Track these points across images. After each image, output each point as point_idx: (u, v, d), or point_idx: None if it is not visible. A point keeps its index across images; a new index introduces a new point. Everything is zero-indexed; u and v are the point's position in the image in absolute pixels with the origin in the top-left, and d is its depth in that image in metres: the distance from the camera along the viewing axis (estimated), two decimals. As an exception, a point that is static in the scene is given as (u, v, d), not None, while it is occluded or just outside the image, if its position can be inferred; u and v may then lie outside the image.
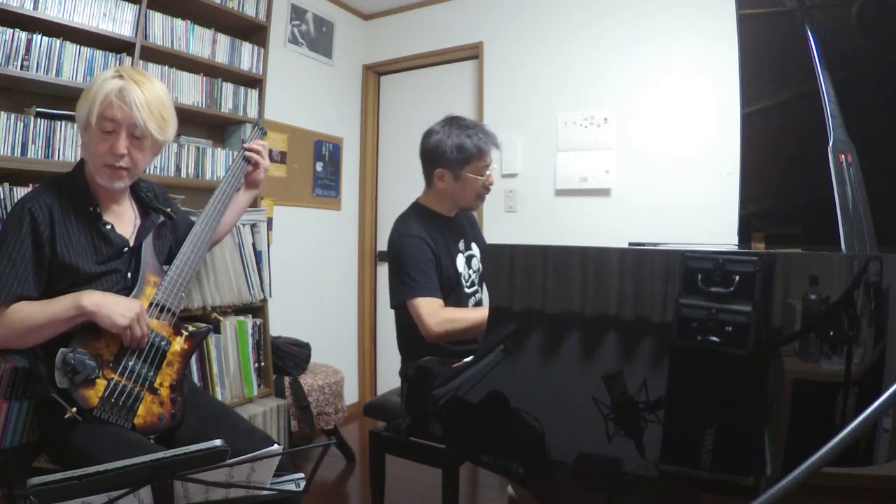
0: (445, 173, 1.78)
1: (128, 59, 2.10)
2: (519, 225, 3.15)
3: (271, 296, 2.46)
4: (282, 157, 3.13)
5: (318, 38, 3.38)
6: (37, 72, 1.86)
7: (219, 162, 2.47)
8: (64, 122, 1.90)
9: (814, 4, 1.40)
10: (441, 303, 1.69)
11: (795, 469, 0.46)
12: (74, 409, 1.20)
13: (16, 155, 1.79)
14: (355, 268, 3.70)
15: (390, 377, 3.55)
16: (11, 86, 1.90)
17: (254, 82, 2.65)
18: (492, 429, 1.20)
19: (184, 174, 2.34)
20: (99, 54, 2.02)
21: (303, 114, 3.26)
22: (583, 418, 1.09)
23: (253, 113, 2.63)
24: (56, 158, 1.89)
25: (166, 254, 1.55)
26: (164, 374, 1.37)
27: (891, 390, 0.47)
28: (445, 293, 1.75)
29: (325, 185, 3.45)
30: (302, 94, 3.27)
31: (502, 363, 1.17)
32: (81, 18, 1.96)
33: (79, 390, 1.22)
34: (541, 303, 1.15)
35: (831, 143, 1.21)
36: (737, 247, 1.73)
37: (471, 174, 1.77)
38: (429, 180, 1.85)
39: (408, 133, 3.65)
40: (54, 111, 1.89)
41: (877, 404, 0.47)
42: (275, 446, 1.04)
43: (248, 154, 1.71)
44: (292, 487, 1.11)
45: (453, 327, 1.62)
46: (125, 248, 1.40)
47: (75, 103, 1.34)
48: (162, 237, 1.53)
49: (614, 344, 1.08)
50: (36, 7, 1.84)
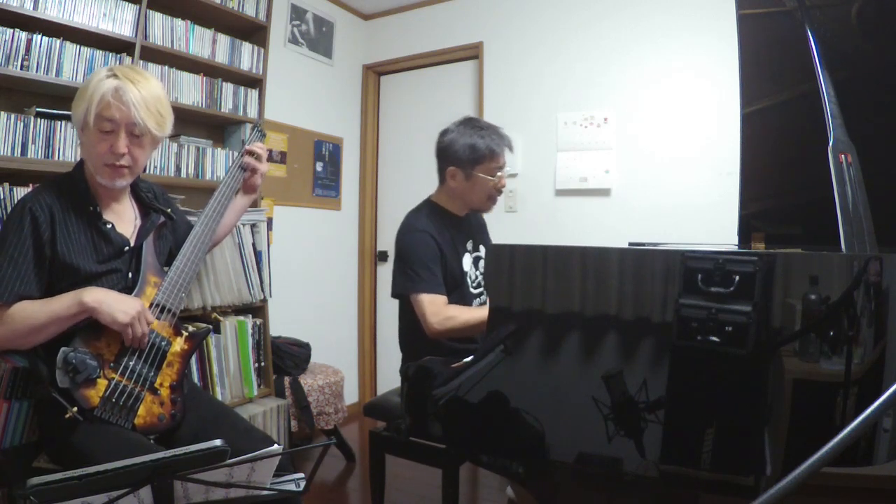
0: (457, 172, 1.80)
1: (128, 59, 2.09)
2: (519, 225, 3.15)
3: (271, 296, 2.46)
4: (282, 157, 3.13)
5: (318, 38, 3.38)
6: (37, 72, 1.86)
7: (219, 162, 2.47)
8: (64, 122, 1.90)
9: (814, 4, 1.40)
10: (444, 300, 1.70)
11: (795, 469, 0.46)
12: (75, 408, 1.20)
13: (16, 155, 1.79)
14: (355, 268, 3.70)
15: (390, 377, 3.55)
16: (11, 86, 1.90)
17: (254, 82, 2.65)
18: (492, 429, 1.20)
19: (184, 174, 2.34)
20: (99, 54, 2.02)
21: (303, 114, 3.26)
22: (583, 418, 1.09)
23: (253, 113, 2.63)
24: (56, 158, 1.89)
25: (166, 254, 1.55)
26: (164, 375, 1.37)
27: (891, 390, 0.47)
28: (448, 290, 1.76)
29: (325, 185, 3.45)
30: (302, 94, 3.27)
31: (502, 363, 1.17)
32: (81, 18, 1.96)
33: (80, 390, 1.22)
34: (541, 303, 1.15)
35: (831, 143, 1.21)
36: (737, 247, 1.73)
37: (482, 175, 1.78)
38: (442, 178, 1.87)
39: (408, 133, 3.66)
40: (54, 111, 1.89)
41: (877, 404, 0.47)
42: (275, 446, 1.04)
43: (246, 161, 1.69)
44: (292, 487, 1.11)
45: (454, 325, 1.64)
46: (126, 248, 1.39)
47: (75, 103, 1.34)
48: (162, 237, 1.53)
49: (614, 344, 1.08)
50: (36, 7, 1.84)
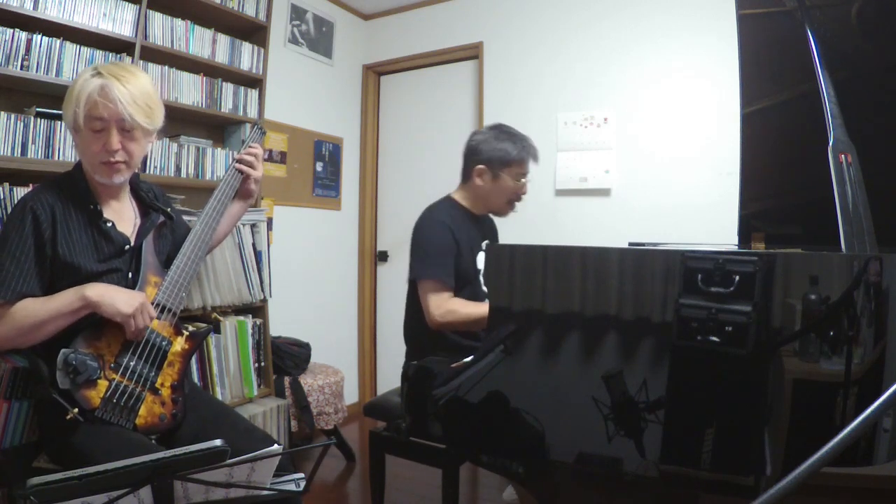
0: (485, 171, 1.84)
1: (128, 59, 2.09)
2: (519, 225, 3.14)
3: (271, 296, 2.46)
4: (282, 157, 3.13)
5: (318, 38, 3.38)
6: (37, 72, 1.86)
7: (219, 162, 2.47)
8: (64, 122, 1.90)
9: (814, 4, 1.40)
10: (450, 293, 1.73)
11: (795, 469, 0.46)
12: (76, 409, 1.20)
13: (16, 155, 1.80)
14: (355, 268, 3.70)
15: (390, 377, 3.55)
16: (11, 86, 1.91)
17: (254, 82, 2.65)
18: (492, 429, 1.20)
19: (184, 174, 2.34)
20: (99, 54, 2.02)
21: (303, 114, 3.26)
22: (583, 418, 1.09)
23: (253, 113, 2.63)
24: (56, 158, 1.89)
25: (166, 254, 1.55)
26: (164, 375, 1.37)
27: (891, 390, 0.47)
28: (461, 285, 1.79)
29: (325, 185, 3.45)
30: (302, 94, 3.27)
31: (502, 363, 1.17)
32: (81, 18, 1.96)
33: (80, 391, 1.22)
34: (541, 303, 1.15)
35: (831, 143, 1.21)
36: (737, 247, 1.73)
37: (508, 177, 1.84)
38: (466, 176, 1.91)
39: (408, 133, 3.66)
40: (54, 111, 1.89)
41: (877, 404, 0.47)
42: (275, 446, 1.04)
43: (239, 167, 1.65)
44: (292, 487, 1.11)
45: (454, 318, 1.68)
46: (126, 246, 1.40)
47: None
48: (162, 237, 1.53)
49: (614, 344, 1.08)
50: (36, 7, 1.84)
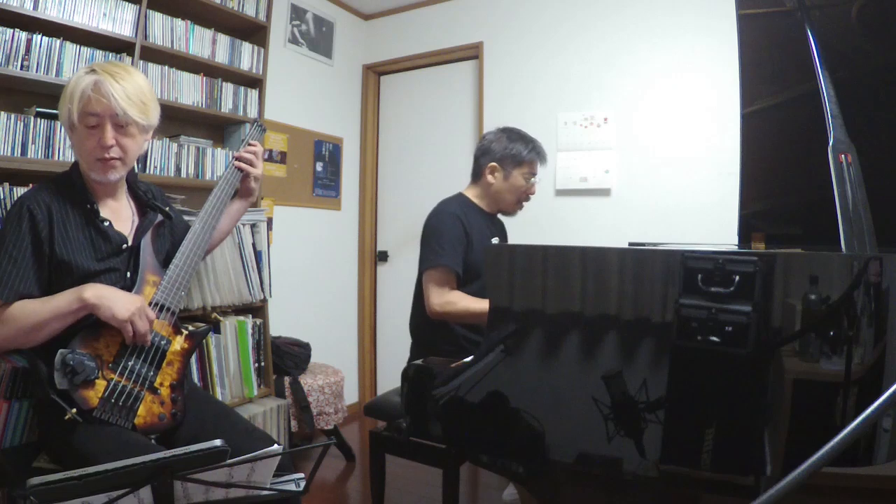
0: (497, 169, 1.90)
1: (128, 59, 2.09)
2: (519, 225, 3.14)
3: (271, 296, 2.46)
4: (282, 157, 3.13)
5: (318, 38, 3.38)
6: (37, 72, 1.86)
7: (219, 162, 2.47)
8: (60, 122, 1.90)
9: (814, 4, 1.40)
10: (454, 283, 1.77)
11: (795, 469, 0.46)
12: (74, 410, 1.20)
13: (16, 155, 1.79)
14: (355, 268, 3.70)
15: (390, 377, 3.55)
16: (11, 86, 1.90)
17: (254, 82, 2.65)
18: (492, 429, 1.20)
19: (184, 174, 2.34)
20: (99, 54, 2.02)
21: (303, 114, 3.26)
22: (583, 418, 1.09)
23: (253, 113, 2.63)
24: (56, 158, 1.89)
25: (165, 254, 1.55)
26: (164, 374, 1.37)
27: (891, 390, 0.47)
28: (470, 279, 1.81)
29: (325, 185, 3.45)
30: (302, 94, 3.27)
31: (502, 363, 1.17)
32: (81, 18, 1.96)
33: (78, 391, 1.22)
34: (541, 303, 1.15)
35: (831, 143, 1.21)
36: (737, 247, 1.73)
37: (519, 176, 1.90)
38: (477, 174, 1.96)
39: (408, 133, 3.66)
40: (54, 111, 1.88)
41: (877, 404, 0.47)
42: (275, 446, 1.04)
43: (238, 164, 1.65)
44: (292, 487, 1.11)
45: (453, 310, 1.72)
46: (123, 245, 1.40)
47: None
48: (161, 237, 1.53)
49: (614, 344, 1.08)
50: (36, 7, 1.84)
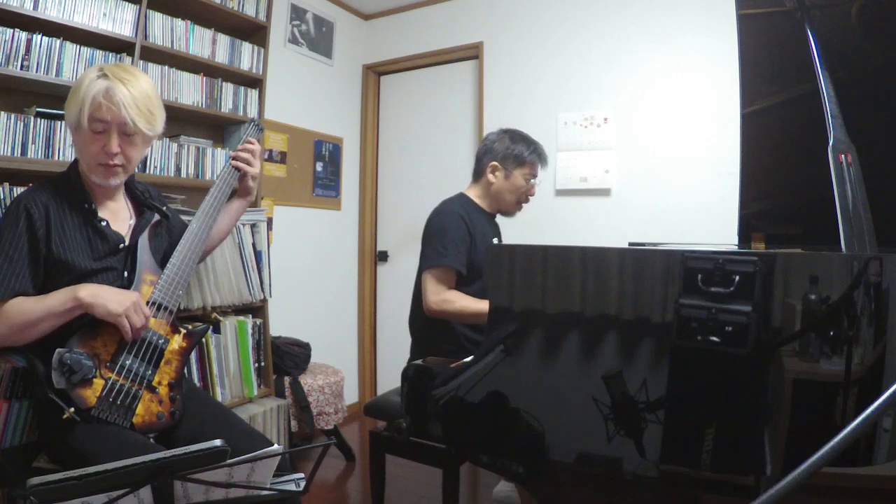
0: (499, 168, 1.93)
1: (128, 59, 2.09)
2: (519, 225, 3.14)
3: (271, 296, 2.46)
4: (282, 157, 3.13)
5: (318, 38, 3.37)
6: (37, 72, 1.86)
7: (219, 162, 2.47)
8: (64, 122, 1.89)
9: (814, 4, 1.40)
10: (452, 283, 1.78)
11: (795, 469, 0.46)
12: (72, 409, 1.20)
13: (16, 155, 1.79)
14: (355, 268, 3.70)
15: (390, 377, 3.55)
16: (11, 86, 1.90)
17: (254, 82, 2.65)
18: (492, 429, 1.20)
19: (184, 174, 2.34)
20: (99, 54, 2.02)
21: (303, 114, 3.26)
22: (583, 418, 1.09)
23: (253, 113, 2.63)
24: (56, 158, 1.89)
25: (162, 253, 1.55)
26: (162, 373, 1.37)
27: (891, 390, 0.47)
28: (472, 278, 1.82)
29: (325, 185, 3.45)
30: (302, 94, 3.27)
31: (502, 363, 1.17)
32: (81, 18, 1.96)
33: (76, 390, 1.22)
34: (541, 303, 1.15)
35: (831, 143, 1.21)
36: (737, 247, 1.73)
37: (520, 176, 1.92)
38: (479, 173, 1.97)
39: (408, 133, 3.66)
40: (54, 111, 1.89)
41: (877, 404, 0.47)
42: (275, 446, 1.04)
43: (235, 164, 1.64)
44: (292, 487, 1.11)
45: (449, 308, 1.74)
46: (121, 245, 1.40)
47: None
48: (158, 236, 1.53)
49: (614, 344, 1.08)
50: (36, 7, 1.84)
